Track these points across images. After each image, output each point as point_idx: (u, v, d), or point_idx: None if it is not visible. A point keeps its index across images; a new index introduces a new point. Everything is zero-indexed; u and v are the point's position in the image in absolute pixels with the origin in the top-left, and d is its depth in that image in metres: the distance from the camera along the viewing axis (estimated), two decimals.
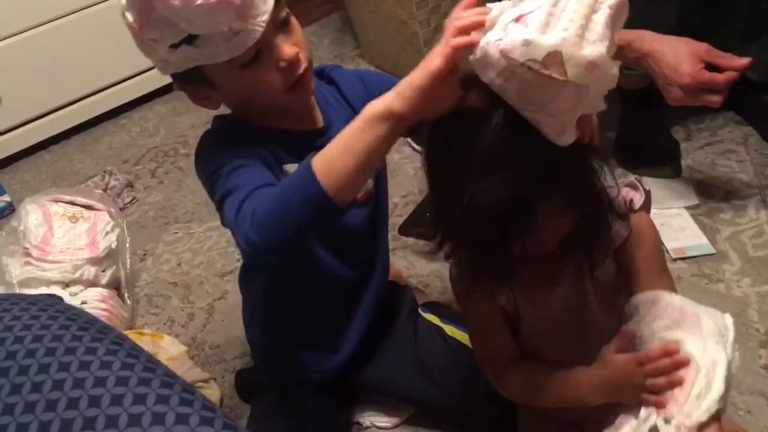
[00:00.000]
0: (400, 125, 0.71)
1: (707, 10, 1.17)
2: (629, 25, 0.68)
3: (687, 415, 0.72)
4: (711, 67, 1.13)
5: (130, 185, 1.90)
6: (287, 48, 0.87)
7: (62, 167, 2.06)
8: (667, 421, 0.73)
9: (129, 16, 0.83)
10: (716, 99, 1.14)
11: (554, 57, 0.62)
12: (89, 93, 2.15)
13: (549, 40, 0.62)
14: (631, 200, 0.87)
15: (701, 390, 0.73)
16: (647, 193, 1.11)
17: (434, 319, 1.16)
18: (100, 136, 2.17)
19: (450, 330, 1.13)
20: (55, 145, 2.15)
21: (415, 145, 1.77)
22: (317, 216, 0.74)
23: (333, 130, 0.92)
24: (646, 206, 1.13)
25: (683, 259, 1.30)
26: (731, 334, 0.78)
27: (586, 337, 0.87)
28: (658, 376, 0.76)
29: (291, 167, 0.92)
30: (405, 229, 1.52)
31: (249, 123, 0.94)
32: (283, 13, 0.88)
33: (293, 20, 0.90)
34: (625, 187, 0.87)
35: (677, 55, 1.13)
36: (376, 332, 1.13)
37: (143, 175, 1.96)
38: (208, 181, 0.88)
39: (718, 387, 0.73)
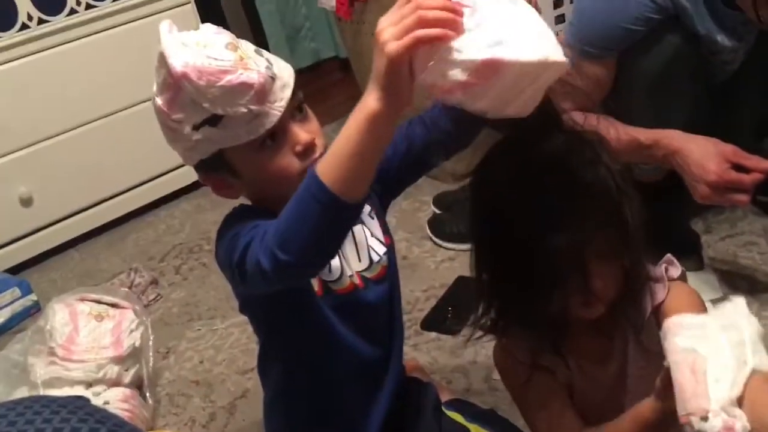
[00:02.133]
0: (384, 119, 0.72)
1: (718, 110, 1.21)
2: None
3: (717, 401, 0.69)
4: (738, 167, 1.16)
5: (155, 282, 1.92)
6: (303, 133, 0.93)
7: (89, 265, 2.10)
8: (704, 419, 0.68)
9: (159, 100, 0.91)
10: (743, 198, 1.16)
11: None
12: (118, 192, 2.22)
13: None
14: (668, 268, 0.89)
15: (718, 374, 0.70)
16: (683, 271, 1.12)
17: (459, 418, 1.13)
18: (127, 233, 2.22)
19: (475, 429, 1.11)
20: (82, 244, 2.20)
21: (436, 239, 1.79)
22: (332, 219, 0.75)
23: None
24: (683, 279, 1.13)
25: None
26: (744, 320, 0.75)
27: (622, 408, 0.87)
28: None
29: None
30: (428, 324, 1.52)
31: (269, 210, 0.97)
32: (299, 100, 0.94)
33: (308, 111, 0.97)
34: (662, 262, 0.91)
35: (704, 154, 1.16)
36: (401, 429, 1.11)
37: (168, 272, 1.99)
38: (231, 242, 0.89)
39: (732, 362, 0.70)
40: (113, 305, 1.57)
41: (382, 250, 1.05)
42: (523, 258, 0.79)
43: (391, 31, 0.68)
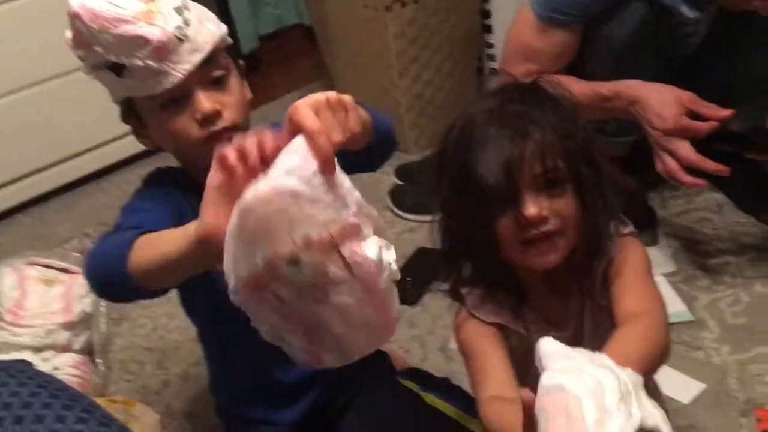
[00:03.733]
0: (204, 246, 0.66)
1: (681, 85, 1.22)
2: None
3: None
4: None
5: None
6: (206, 102, 0.91)
7: (39, 230, 2.04)
8: None
9: (67, 33, 0.91)
10: (701, 182, 1.18)
11: None
12: (70, 156, 2.15)
13: None
14: (618, 225, 0.89)
15: (596, 416, 0.55)
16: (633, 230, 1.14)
17: (413, 387, 1.14)
18: (80, 198, 2.16)
19: (429, 398, 1.11)
20: (32, 208, 2.12)
21: (396, 210, 1.78)
22: (118, 286, 0.79)
23: None
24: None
25: None
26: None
27: None
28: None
29: None
30: None
31: (184, 174, 0.99)
32: (216, 73, 0.93)
33: (233, 83, 0.95)
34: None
35: (662, 102, 1.17)
36: (352, 397, 1.11)
37: None
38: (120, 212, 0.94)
39: (614, 408, 0.55)
40: (64, 270, 1.53)
41: None
42: (479, 208, 0.82)
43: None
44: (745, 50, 1.36)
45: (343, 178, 0.61)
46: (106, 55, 0.88)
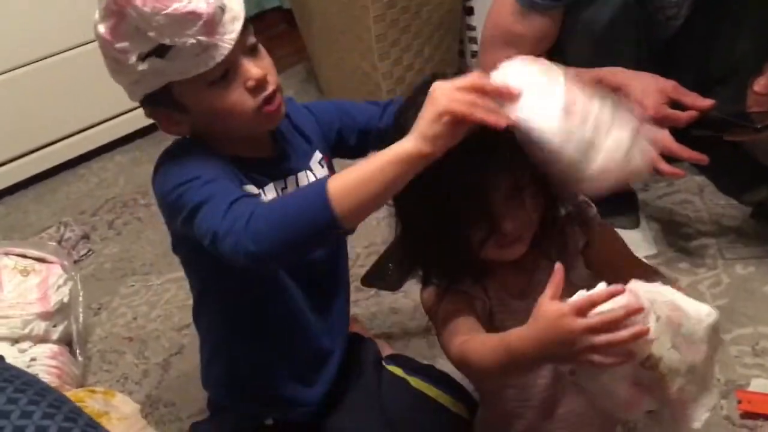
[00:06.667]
0: (425, 163, 0.75)
1: (660, 70, 1.22)
2: None
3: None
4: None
5: (86, 237, 1.85)
6: (254, 68, 0.91)
7: (15, 219, 2.01)
8: None
9: (101, 28, 0.87)
10: (680, 172, 1.17)
11: None
12: (47, 143, 2.12)
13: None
14: (585, 209, 0.90)
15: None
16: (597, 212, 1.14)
17: (398, 371, 1.14)
18: (57, 186, 2.13)
19: (415, 382, 1.11)
20: (9, 197, 2.09)
21: None
22: (320, 236, 0.78)
23: (287, 161, 1.00)
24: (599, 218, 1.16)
25: None
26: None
27: None
28: (604, 332, 0.64)
29: (249, 188, 0.94)
30: (368, 280, 1.51)
31: (212, 147, 0.96)
32: (252, 40, 0.93)
33: (262, 49, 0.95)
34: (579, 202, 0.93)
35: (644, 89, 1.16)
36: (341, 384, 1.11)
37: (100, 227, 1.91)
38: (174, 191, 0.88)
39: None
40: (40, 260, 1.51)
41: None
42: (435, 205, 0.81)
43: (458, 96, 0.73)
44: (724, 34, 1.35)
45: None
46: (160, 38, 0.84)
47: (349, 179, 0.76)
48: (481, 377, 0.89)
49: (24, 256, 1.49)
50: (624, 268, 0.85)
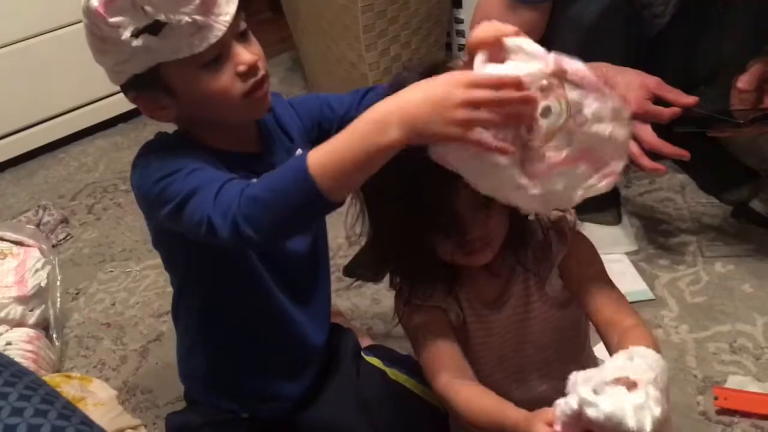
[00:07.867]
0: (397, 150, 0.71)
1: (646, 68, 1.22)
2: None
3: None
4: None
5: (65, 221, 1.83)
6: (246, 54, 0.90)
7: None
8: None
9: (94, 2, 0.84)
10: (661, 168, 1.18)
11: None
12: (25, 126, 2.08)
13: None
14: (565, 217, 0.89)
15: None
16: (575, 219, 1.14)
17: (377, 363, 1.14)
18: (36, 169, 2.10)
19: (393, 373, 1.11)
20: None
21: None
22: (310, 211, 0.77)
23: (269, 157, 0.98)
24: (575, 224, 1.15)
25: None
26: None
27: (525, 354, 0.89)
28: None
29: None
30: (350, 271, 1.50)
31: (193, 140, 0.95)
32: (243, 25, 0.91)
33: (252, 35, 0.93)
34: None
35: (627, 84, 1.16)
36: (319, 374, 1.11)
37: (79, 211, 1.89)
38: (157, 185, 0.86)
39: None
40: (18, 243, 1.49)
41: None
42: (401, 210, 0.79)
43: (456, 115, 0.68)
44: (709, 33, 1.36)
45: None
46: (155, 14, 0.82)
47: (329, 160, 0.73)
48: (465, 425, 0.89)
49: (1, 239, 1.47)
50: (593, 290, 0.83)
